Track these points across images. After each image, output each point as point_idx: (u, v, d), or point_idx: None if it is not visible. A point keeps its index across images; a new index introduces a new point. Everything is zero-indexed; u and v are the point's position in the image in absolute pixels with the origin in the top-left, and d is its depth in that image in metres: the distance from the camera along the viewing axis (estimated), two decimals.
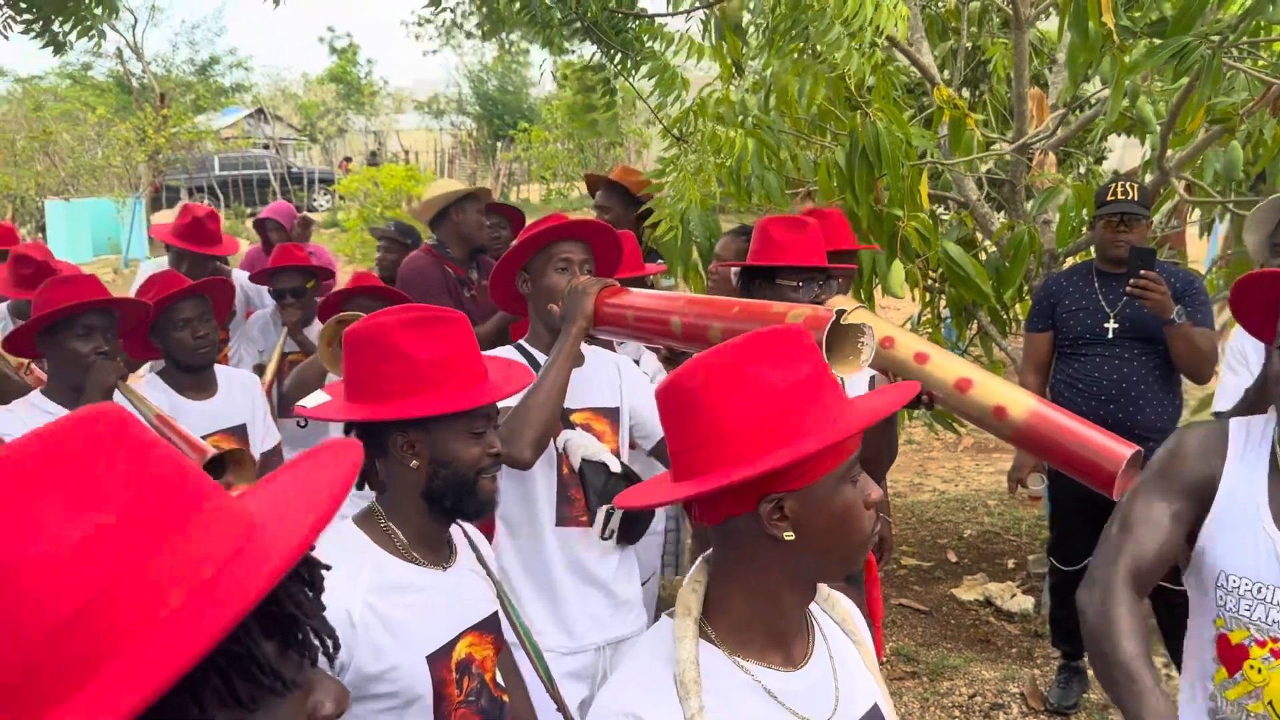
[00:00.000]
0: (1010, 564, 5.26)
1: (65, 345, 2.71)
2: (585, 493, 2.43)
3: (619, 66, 3.13)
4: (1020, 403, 1.85)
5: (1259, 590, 1.70)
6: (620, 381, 2.57)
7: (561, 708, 2.03)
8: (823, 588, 1.36)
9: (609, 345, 2.76)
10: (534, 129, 16.75)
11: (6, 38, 3.10)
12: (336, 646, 0.78)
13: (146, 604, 0.67)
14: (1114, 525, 1.78)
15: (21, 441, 0.69)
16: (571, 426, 2.45)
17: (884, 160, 3.31)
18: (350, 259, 12.86)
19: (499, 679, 1.83)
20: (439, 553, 1.76)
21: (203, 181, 21.59)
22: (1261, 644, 1.70)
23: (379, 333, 1.68)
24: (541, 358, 2.45)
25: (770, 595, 1.21)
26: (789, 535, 1.16)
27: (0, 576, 0.64)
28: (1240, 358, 2.88)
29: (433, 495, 1.69)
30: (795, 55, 2.76)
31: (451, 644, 1.70)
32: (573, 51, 3.73)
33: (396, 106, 35.86)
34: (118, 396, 2.79)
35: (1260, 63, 3.74)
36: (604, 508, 2.40)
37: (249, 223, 20.21)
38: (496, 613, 1.84)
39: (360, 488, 1.92)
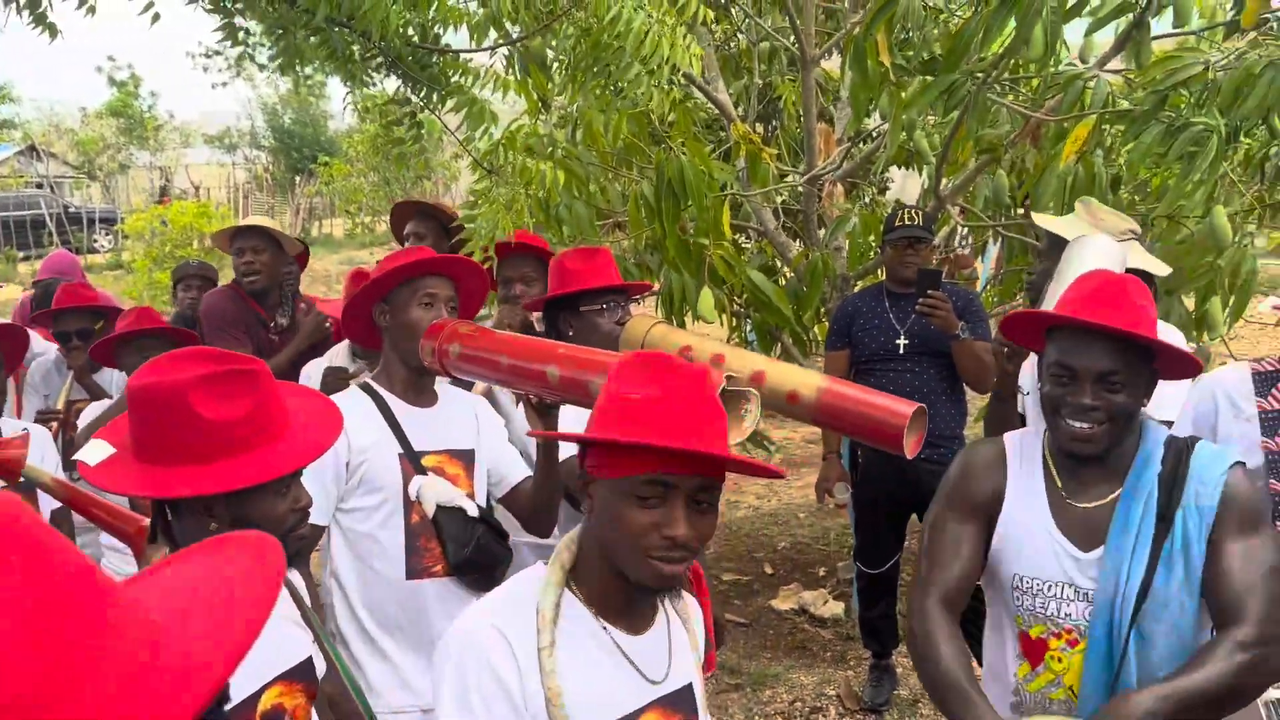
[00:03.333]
0: (822, 572, 5.51)
1: None
2: (441, 541, 2.32)
3: (424, 100, 3.15)
4: (810, 384, 1.95)
5: (1050, 588, 1.90)
6: (477, 423, 2.50)
7: None
8: None
9: (467, 385, 2.68)
10: (335, 162, 16.32)
11: None
12: None
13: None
14: (922, 558, 1.99)
15: None
16: (423, 471, 2.34)
17: (689, 192, 3.46)
18: (139, 303, 12.15)
19: None
20: None
21: None
22: (1058, 635, 1.90)
23: (170, 391, 1.51)
24: (390, 398, 2.36)
25: (610, 568, 1.39)
26: (585, 509, 1.41)
27: None
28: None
29: None
30: (598, 91, 2.86)
31: (257, 695, 1.61)
32: (374, 84, 3.72)
33: (184, 141, 34.19)
34: None
35: (1020, 98, 4.13)
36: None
37: (21, 266, 18.75)
38: (310, 658, 1.75)
39: (153, 540, 1.81)
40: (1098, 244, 2.44)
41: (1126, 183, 4.50)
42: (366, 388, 2.39)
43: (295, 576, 1.89)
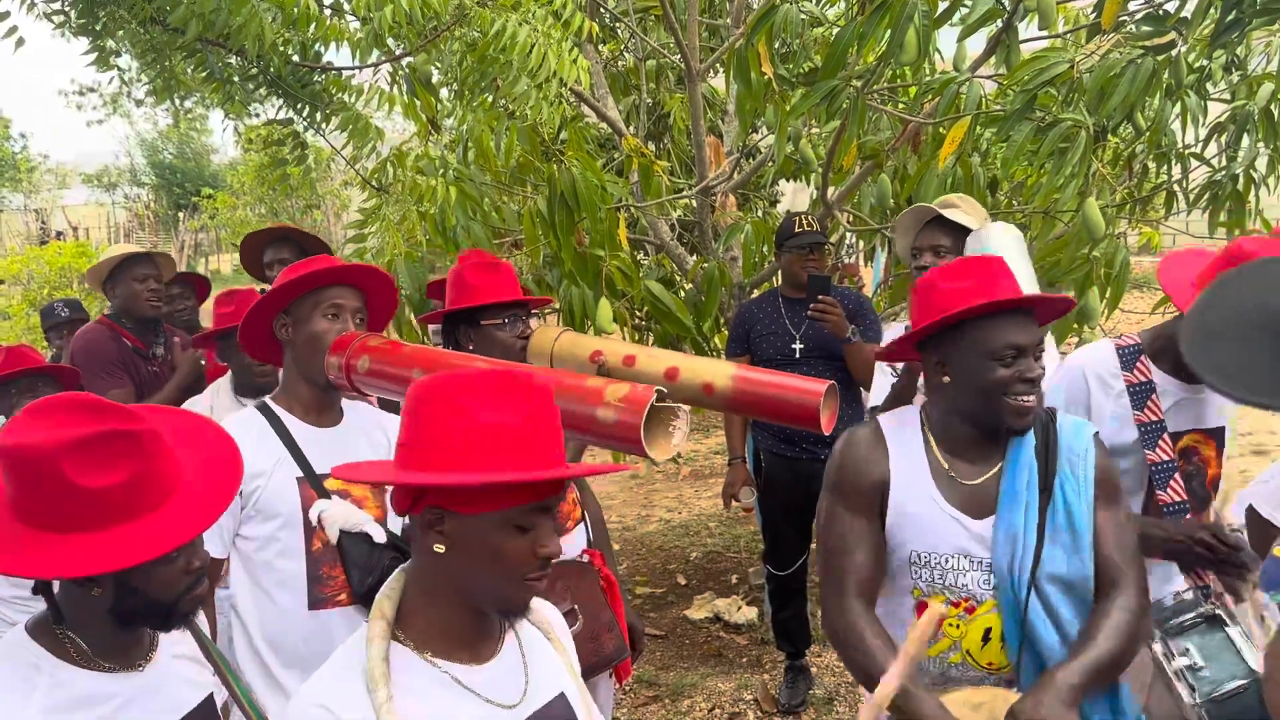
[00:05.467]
0: (734, 579, 5.56)
1: None
2: (345, 568, 2.20)
3: (308, 120, 3.09)
4: (723, 373, 2.00)
5: (947, 560, 1.97)
6: (387, 442, 2.36)
7: None
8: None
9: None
10: (220, 195, 15.86)
11: None
12: None
13: None
14: (823, 553, 2.04)
15: None
16: (326, 495, 2.21)
17: (582, 204, 3.48)
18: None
19: None
20: (132, 652, 1.55)
21: None
22: (956, 604, 1.97)
23: (41, 455, 1.35)
24: (290, 420, 2.24)
25: (449, 604, 1.35)
26: (439, 548, 1.30)
27: None
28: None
29: (122, 616, 1.48)
30: (486, 108, 2.85)
31: None
32: (256, 115, 3.63)
33: (61, 182, 32.93)
34: None
35: (899, 105, 4.26)
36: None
37: None
38: (211, 696, 1.66)
39: (36, 593, 1.71)
40: (996, 232, 2.54)
41: (1003, 183, 4.68)
42: (263, 408, 2.27)
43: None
